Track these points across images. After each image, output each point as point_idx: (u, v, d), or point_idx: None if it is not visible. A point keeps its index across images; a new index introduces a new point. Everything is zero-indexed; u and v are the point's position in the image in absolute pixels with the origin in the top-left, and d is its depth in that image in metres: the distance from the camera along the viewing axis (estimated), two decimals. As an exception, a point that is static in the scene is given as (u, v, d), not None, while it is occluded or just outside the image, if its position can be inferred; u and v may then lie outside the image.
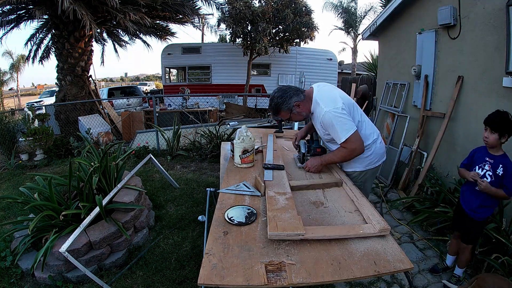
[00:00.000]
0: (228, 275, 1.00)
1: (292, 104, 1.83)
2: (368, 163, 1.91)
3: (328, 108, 1.74)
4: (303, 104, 1.86)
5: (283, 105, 1.84)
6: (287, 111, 1.86)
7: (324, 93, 1.85)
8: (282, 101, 1.84)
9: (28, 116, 5.93)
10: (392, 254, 1.13)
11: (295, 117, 1.90)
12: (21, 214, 3.12)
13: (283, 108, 1.85)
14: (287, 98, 1.83)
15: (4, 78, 20.55)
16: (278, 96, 1.85)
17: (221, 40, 18.24)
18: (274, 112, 1.91)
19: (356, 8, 15.97)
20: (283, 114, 1.89)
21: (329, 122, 1.75)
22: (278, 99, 1.84)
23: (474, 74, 2.85)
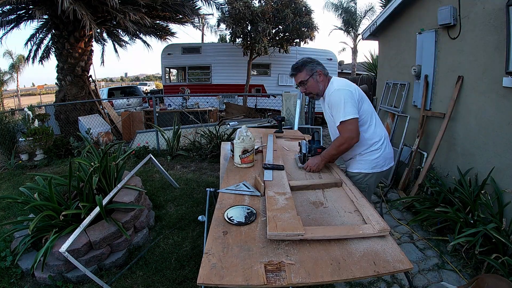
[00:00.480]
0: (227, 274, 1.00)
1: (316, 69, 1.86)
2: (375, 165, 1.88)
3: (339, 87, 1.78)
4: (324, 78, 1.88)
5: (309, 65, 1.85)
6: (309, 72, 1.86)
7: (340, 79, 1.91)
8: (311, 61, 1.87)
9: (28, 116, 5.94)
10: (391, 255, 1.13)
11: (312, 84, 1.88)
12: (21, 214, 3.13)
13: (308, 67, 1.86)
14: (316, 63, 1.88)
15: (4, 78, 20.55)
16: (309, 57, 1.91)
17: (221, 40, 18.24)
18: (297, 68, 1.89)
19: (356, 8, 15.97)
20: (303, 74, 1.88)
21: (335, 100, 1.76)
22: (308, 58, 1.89)
23: (474, 74, 2.85)
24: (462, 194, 2.66)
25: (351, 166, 1.97)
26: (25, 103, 18.08)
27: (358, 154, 1.91)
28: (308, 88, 1.92)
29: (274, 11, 8.36)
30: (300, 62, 1.89)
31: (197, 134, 5.53)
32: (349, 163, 1.99)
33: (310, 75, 1.86)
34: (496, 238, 2.11)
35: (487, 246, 2.21)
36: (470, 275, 2.20)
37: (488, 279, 1.60)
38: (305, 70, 1.87)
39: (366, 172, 1.90)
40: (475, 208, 2.46)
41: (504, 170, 2.50)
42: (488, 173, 2.56)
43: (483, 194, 2.48)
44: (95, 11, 6.53)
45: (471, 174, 2.82)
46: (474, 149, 2.85)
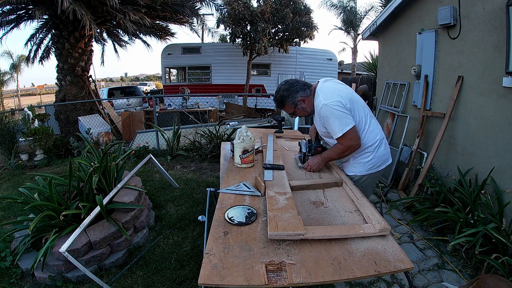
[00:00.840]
0: (228, 275, 1.00)
1: (297, 98, 1.82)
2: (369, 167, 1.85)
3: (326, 101, 1.70)
4: (308, 100, 1.84)
5: (288, 99, 1.83)
6: (292, 105, 1.85)
7: (326, 87, 1.82)
8: (288, 95, 1.82)
9: (28, 116, 5.93)
10: (392, 254, 1.13)
11: (299, 112, 1.89)
12: (21, 214, 3.12)
13: (288, 101, 1.84)
14: (293, 92, 1.82)
15: (4, 78, 20.54)
16: (284, 89, 1.83)
17: (221, 40, 18.24)
18: (279, 104, 1.90)
19: (356, 8, 15.97)
20: (287, 108, 1.88)
21: (325, 115, 1.72)
22: (284, 92, 1.83)
23: (474, 74, 2.85)
24: (462, 194, 2.66)
25: (346, 168, 1.97)
26: (25, 103, 18.07)
27: (352, 158, 1.89)
28: (299, 115, 1.96)
29: (274, 11, 8.37)
30: (279, 98, 1.86)
31: (197, 134, 5.53)
32: (344, 165, 1.99)
33: (294, 106, 1.86)
34: (496, 238, 2.11)
35: (487, 246, 2.21)
36: (470, 275, 2.20)
37: (488, 279, 1.60)
38: (287, 104, 1.86)
39: (361, 174, 1.88)
40: (475, 208, 2.46)
41: (504, 170, 2.50)
42: (488, 173, 2.56)
43: (483, 194, 2.49)
44: (95, 11, 6.53)
45: (471, 174, 2.82)
46: (474, 149, 2.85)
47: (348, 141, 1.72)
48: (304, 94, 1.82)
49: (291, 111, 1.89)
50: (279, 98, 1.87)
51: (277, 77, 10.47)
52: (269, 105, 7.95)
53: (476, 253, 2.18)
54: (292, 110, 1.88)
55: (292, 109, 1.87)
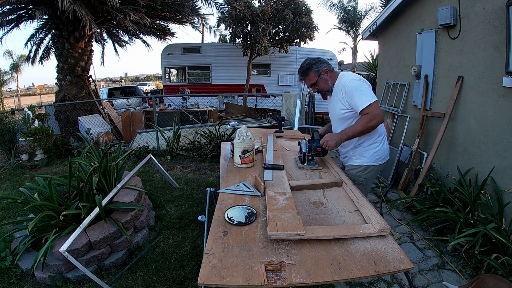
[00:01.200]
0: (228, 275, 1.00)
1: (322, 68, 1.91)
2: (376, 158, 1.94)
3: (355, 77, 1.83)
4: (331, 74, 1.94)
5: (314, 66, 1.90)
6: (316, 74, 1.92)
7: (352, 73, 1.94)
8: (314, 63, 1.91)
9: (28, 116, 5.93)
10: (392, 254, 1.13)
11: (321, 83, 1.94)
12: (21, 214, 3.13)
13: (313, 69, 1.91)
14: (320, 62, 1.92)
15: (4, 78, 20.54)
16: (312, 58, 1.94)
17: (221, 40, 18.24)
18: (303, 72, 1.95)
19: (356, 7, 15.96)
20: (311, 76, 1.93)
21: (353, 88, 1.80)
22: (311, 60, 1.92)
23: (474, 74, 2.85)
24: (462, 194, 2.66)
25: (351, 159, 2.00)
26: (25, 103, 18.08)
27: (360, 146, 1.94)
28: (319, 88, 1.98)
29: (274, 11, 8.37)
30: (305, 66, 1.93)
31: (197, 134, 5.53)
32: (350, 156, 2.02)
33: (318, 75, 1.92)
34: (496, 238, 2.11)
35: (487, 246, 2.21)
36: (470, 275, 2.20)
37: (488, 279, 1.60)
38: (311, 72, 1.92)
39: (367, 165, 1.94)
40: (475, 208, 2.46)
41: (504, 170, 2.50)
42: (488, 173, 2.56)
43: (483, 194, 2.48)
44: (95, 11, 6.52)
45: (471, 174, 2.82)
46: (474, 149, 2.85)
47: (375, 109, 1.76)
48: (329, 67, 1.94)
49: (313, 81, 1.94)
50: (305, 66, 1.93)
51: (277, 77, 10.47)
52: (269, 105, 7.94)
53: (476, 253, 2.18)
54: (315, 79, 1.93)
55: (315, 78, 1.92)
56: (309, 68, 1.93)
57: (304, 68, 1.94)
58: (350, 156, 2.01)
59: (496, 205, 2.42)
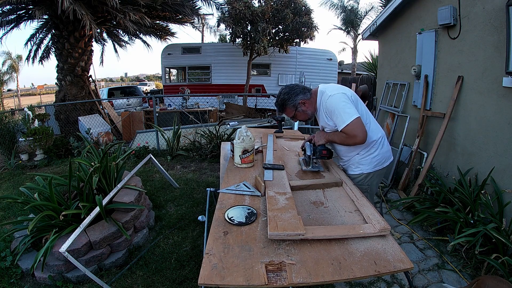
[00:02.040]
0: (228, 275, 1.00)
1: (297, 101, 1.84)
2: (376, 163, 1.87)
3: (333, 93, 1.75)
4: (309, 103, 1.87)
5: (288, 102, 1.85)
6: (292, 108, 1.87)
7: (330, 85, 1.89)
8: (288, 98, 1.85)
9: (28, 116, 5.93)
10: (392, 254, 1.13)
11: (300, 115, 1.91)
12: (21, 214, 3.13)
13: (288, 104, 1.86)
14: (293, 95, 1.85)
15: (4, 78, 20.53)
16: (285, 92, 1.87)
17: (221, 40, 18.24)
18: (280, 108, 1.92)
19: (357, 8, 15.97)
20: (288, 111, 1.90)
21: (332, 106, 1.74)
22: (285, 95, 1.86)
23: (474, 74, 2.85)
24: (462, 194, 2.66)
25: (351, 168, 1.94)
26: (25, 103, 18.07)
27: (357, 155, 1.88)
28: (299, 119, 1.96)
29: (274, 11, 8.37)
30: (280, 101, 1.89)
31: (197, 134, 5.53)
32: (348, 165, 1.95)
33: (294, 109, 1.88)
34: (496, 238, 2.11)
35: (487, 246, 2.21)
36: (470, 275, 2.20)
37: (488, 281, 1.60)
38: (287, 108, 1.88)
39: (367, 172, 1.88)
40: (475, 208, 2.46)
41: (504, 170, 2.50)
42: (488, 173, 2.56)
43: (483, 194, 2.48)
44: (95, 11, 6.53)
45: (471, 174, 2.82)
46: (474, 149, 2.85)
47: (352, 131, 1.69)
48: (305, 96, 1.86)
49: (291, 114, 1.91)
50: (280, 102, 1.89)
51: (277, 77, 10.48)
52: (269, 105, 7.95)
53: (476, 253, 2.18)
54: (292, 113, 1.89)
55: (293, 112, 1.88)
56: (284, 104, 1.88)
57: (279, 103, 1.90)
58: (349, 165, 1.95)
59: (496, 205, 2.42)
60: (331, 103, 1.74)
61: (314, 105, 1.88)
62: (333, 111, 1.74)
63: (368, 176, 1.89)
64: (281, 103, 1.89)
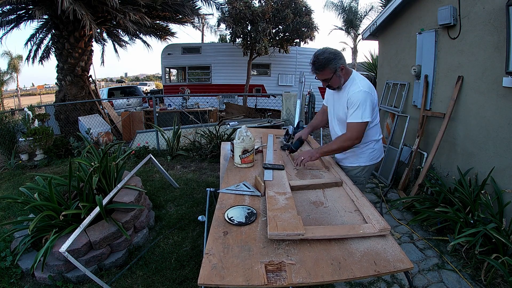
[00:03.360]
0: (228, 275, 1.00)
1: (339, 65, 1.77)
2: (372, 157, 1.99)
3: (364, 89, 1.75)
4: (345, 73, 1.83)
5: (332, 62, 1.75)
6: (332, 70, 1.77)
7: (365, 79, 1.86)
8: (334, 57, 1.75)
9: (28, 116, 5.93)
10: (392, 254, 1.13)
11: (335, 81, 1.82)
12: (21, 214, 3.13)
13: (331, 64, 1.75)
14: (338, 57, 1.76)
15: (4, 78, 20.54)
16: (330, 52, 1.76)
17: (221, 40, 18.24)
18: (320, 66, 1.77)
19: (357, 8, 15.98)
20: (326, 72, 1.78)
21: (358, 100, 1.74)
22: (330, 55, 1.75)
23: (474, 74, 2.85)
24: (462, 194, 2.66)
25: (348, 160, 2.01)
26: (25, 103, 18.07)
27: (358, 148, 1.95)
28: (331, 84, 1.87)
29: (274, 11, 8.37)
30: (323, 60, 1.74)
31: (197, 134, 5.53)
32: (346, 157, 2.03)
33: (333, 72, 1.78)
34: (496, 238, 2.11)
35: (487, 246, 2.21)
36: (470, 275, 2.20)
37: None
38: (328, 68, 1.77)
39: (364, 165, 1.98)
40: (475, 208, 2.46)
41: (504, 170, 2.50)
42: (488, 173, 2.56)
43: (483, 194, 2.48)
44: (95, 11, 6.52)
45: (471, 174, 2.82)
46: (474, 149, 2.85)
47: (356, 132, 1.77)
48: (345, 63, 1.80)
49: (328, 77, 1.79)
50: (323, 60, 1.75)
51: (277, 77, 10.47)
52: (269, 105, 7.94)
53: (476, 253, 2.18)
54: (330, 75, 1.78)
55: (330, 74, 1.78)
56: (326, 64, 1.75)
57: (321, 62, 1.75)
58: (347, 157, 2.02)
59: (496, 205, 2.42)
60: (358, 97, 1.74)
61: (346, 78, 1.85)
62: (355, 104, 1.74)
63: (365, 169, 2.00)
64: (324, 62, 1.74)
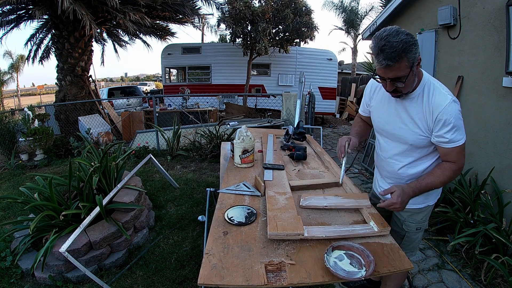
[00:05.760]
0: (228, 275, 1.00)
1: (418, 55, 1.19)
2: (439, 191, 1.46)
3: (454, 98, 1.22)
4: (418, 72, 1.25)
5: (413, 49, 1.14)
6: (410, 63, 1.15)
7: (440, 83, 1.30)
8: (414, 43, 1.14)
9: (28, 116, 5.94)
10: (392, 254, 1.13)
11: (409, 79, 1.20)
12: (21, 214, 3.13)
13: (411, 53, 1.14)
14: (416, 44, 1.16)
15: (4, 78, 20.54)
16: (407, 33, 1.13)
17: (221, 40, 18.24)
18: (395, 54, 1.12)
19: (357, 8, 15.98)
20: (402, 65, 1.14)
21: (452, 116, 1.18)
22: (409, 37, 1.12)
23: (474, 74, 2.85)
24: (462, 194, 2.66)
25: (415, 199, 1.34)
26: (25, 103, 18.08)
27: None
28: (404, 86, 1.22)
29: (274, 11, 8.37)
30: (400, 45, 1.11)
31: (197, 134, 5.53)
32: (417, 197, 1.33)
33: (411, 66, 1.16)
34: (496, 238, 2.12)
35: (487, 246, 2.21)
36: (470, 275, 2.20)
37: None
38: (407, 58, 1.14)
39: (433, 203, 1.46)
40: (475, 208, 2.46)
41: (504, 170, 2.50)
42: (488, 173, 2.56)
43: (483, 194, 2.49)
44: (95, 11, 6.53)
45: (471, 174, 2.82)
46: (474, 149, 2.85)
47: (462, 158, 1.25)
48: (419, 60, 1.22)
49: (404, 73, 1.16)
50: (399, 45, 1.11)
51: (277, 77, 10.46)
52: (269, 105, 7.94)
53: (476, 253, 2.18)
54: (407, 70, 1.16)
55: (407, 70, 1.16)
56: (406, 50, 1.12)
57: (398, 48, 1.11)
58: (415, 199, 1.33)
59: (496, 205, 2.43)
60: (452, 111, 1.19)
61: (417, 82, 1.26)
62: (451, 123, 1.19)
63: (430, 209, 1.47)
64: (402, 48, 1.11)
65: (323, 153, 2.21)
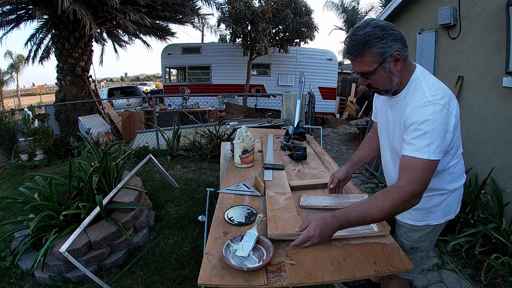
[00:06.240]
0: (228, 275, 1.00)
1: (391, 51, 1.04)
2: (449, 210, 1.25)
3: (434, 99, 1.02)
4: (403, 66, 1.10)
5: (379, 43, 1.02)
6: (378, 57, 1.04)
7: (433, 80, 1.12)
8: (381, 36, 1.02)
9: (28, 116, 5.94)
10: (392, 254, 1.13)
11: (380, 76, 1.08)
12: (21, 214, 3.12)
13: (376, 47, 1.02)
14: (390, 37, 1.03)
15: (4, 78, 20.55)
16: (380, 25, 1.03)
17: (221, 40, 18.25)
18: (356, 48, 1.05)
19: (358, 8, 15.99)
20: (367, 58, 1.05)
21: (422, 118, 1.00)
22: (377, 29, 1.02)
23: (474, 74, 2.85)
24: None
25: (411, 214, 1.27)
26: (25, 103, 18.08)
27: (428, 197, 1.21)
28: (373, 82, 1.11)
29: (274, 11, 8.37)
30: (362, 38, 1.02)
31: (197, 134, 5.54)
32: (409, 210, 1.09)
33: (379, 62, 1.05)
34: (496, 238, 2.12)
35: (487, 246, 2.21)
36: (470, 275, 2.20)
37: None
38: (371, 51, 1.03)
39: (436, 223, 1.25)
40: (475, 208, 2.46)
41: (504, 170, 2.50)
42: (488, 173, 2.56)
43: (483, 194, 2.49)
44: (95, 11, 6.53)
45: (471, 174, 2.82)
46: (474, 149, 2.85)
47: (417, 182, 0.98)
48: (404, 53, 1.07)
49: (369, 68, 1.07)
50: (361, 38, 1.02)
51: (277, 77, 10.47)
52: (269, 105, 7.94)
53: (476, 253, 2.18)
54: (372, 67, 1.06)
55: (374, 65, 1.05)
56: (367, 44, 1.03)
57: (359, 41, 1.03)
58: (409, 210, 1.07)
59: (496, 205, 2.43)
60: (423, 114, 1.01)
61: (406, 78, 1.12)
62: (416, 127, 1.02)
63: (435, 230, 1.29)
64: (363, 41, 1.02)
65: (323, 153, 2.21)
